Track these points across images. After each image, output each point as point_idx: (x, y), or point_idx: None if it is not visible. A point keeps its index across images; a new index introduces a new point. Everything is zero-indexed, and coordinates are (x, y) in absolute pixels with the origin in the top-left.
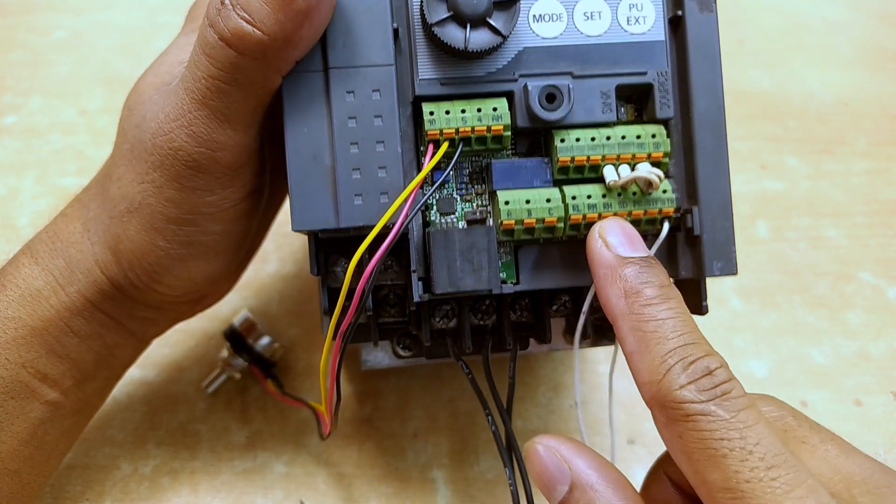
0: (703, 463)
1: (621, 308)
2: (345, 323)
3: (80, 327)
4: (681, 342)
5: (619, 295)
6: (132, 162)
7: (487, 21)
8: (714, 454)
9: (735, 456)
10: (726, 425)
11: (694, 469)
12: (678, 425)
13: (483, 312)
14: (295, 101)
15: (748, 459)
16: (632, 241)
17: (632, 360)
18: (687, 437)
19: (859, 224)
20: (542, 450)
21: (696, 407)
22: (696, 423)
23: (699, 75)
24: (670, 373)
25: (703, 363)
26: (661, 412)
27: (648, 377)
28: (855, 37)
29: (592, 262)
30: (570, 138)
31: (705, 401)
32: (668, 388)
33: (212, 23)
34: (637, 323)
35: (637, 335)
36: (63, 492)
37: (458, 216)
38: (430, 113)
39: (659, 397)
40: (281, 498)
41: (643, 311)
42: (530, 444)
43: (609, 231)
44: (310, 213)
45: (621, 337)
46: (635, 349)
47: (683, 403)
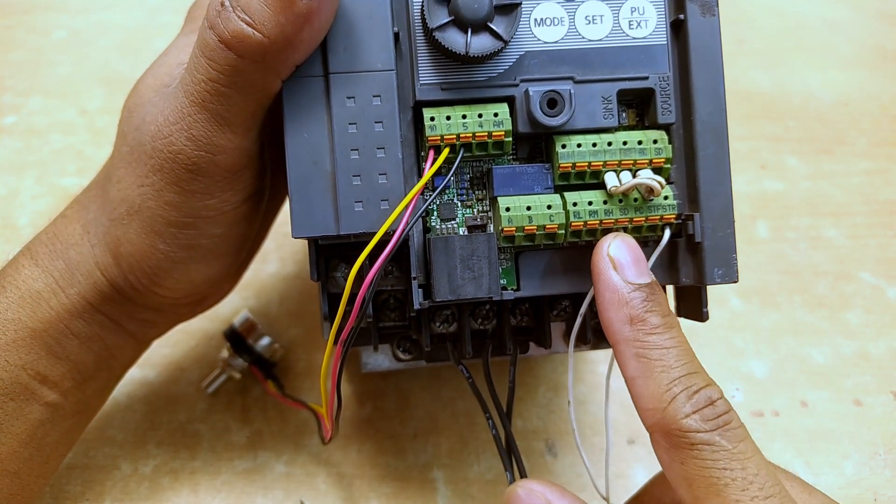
0: (705, 490)
1: (625, 334)
2: (346, 330)
3: (80, 329)
4: (684, 371)
5: (623, 321)
6: (132, 165)
7: (488, 25)
8: (716, 483)
9: (736, 486)
10: (729, 456)
11: (694, 495)
12: (681, 452)
13: (483, 317)
14: (295, 106)
15: (748, 489)
16: (638, 264)
17: (634, 386)
18: (690, 464)
19: (859, 224)
20: (525, 494)
21: (702, 437)
22: (699, 452)
23: (701, 80)
24: (675, 401)
25: (705, 393)
26: (665, 438)
27: (652, 403)
28: (855, 37)
29: (598, 281)
30: (572, 144)
31: (709, 430)
32: (673, 417)
33: (212, 25)
34: (641, 350)
35: (641, 362)
36: (63, 492)
37: (458, 222)
38: (430, 118)
39: (663, 424)
40: (281, 498)
41: (647, 338)
42: (512, 489)
43: (617, 250)
44: (310, 220)
45: (622, 361)
46: (639, 375)
47: (689, 432)
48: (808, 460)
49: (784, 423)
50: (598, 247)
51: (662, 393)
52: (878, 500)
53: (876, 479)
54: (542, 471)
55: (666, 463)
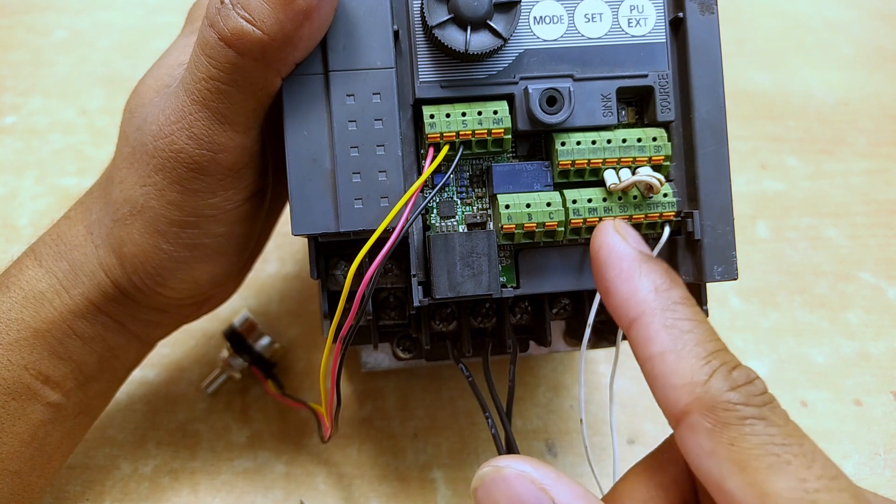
0: (764, 471)
1: (651, 303)
2: (345, 327)
3: (84, 330)
4: (718, 346)
5: (649, 289)
6: (134, 165)
7: (488, 23)
8: (776, 461)
9: (800, 463)
10: (785, 431)
11: (749, 480)
12: (731, 429)
13: (483, 315)
14: (295, 103)
15: (812, 467)
16: (644, 244)
17: (663, 361)
18: (742, 443)
19: (859, 224)
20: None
21: (753, 410)
22: (753, 427)
23: (700, 77)
24: (717, 373)
25: (744, 371)
26: (708, 415)
27: (689, 377)
28: (855, 37)
29: (609, 255)
30: (571, 142)
31: (759, 405)
32: (718, 389)
33: (212, 23)
34: (672, 320)
35: (672, 333)
36: (63, 492)
37: (458, 219)
38: (430, 116)
39: (707, 399)
40: (281, 498)
41: (677, 308)
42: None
43: (624, 228)
44: (310, 217)
45: (648, 335)
46: (670, 348)
47: (739, 405)
48: None
49: None
50: (600, 227)
51: (702, 366)
52: None
53: (876, 479)
54: None
55: (707, 450)
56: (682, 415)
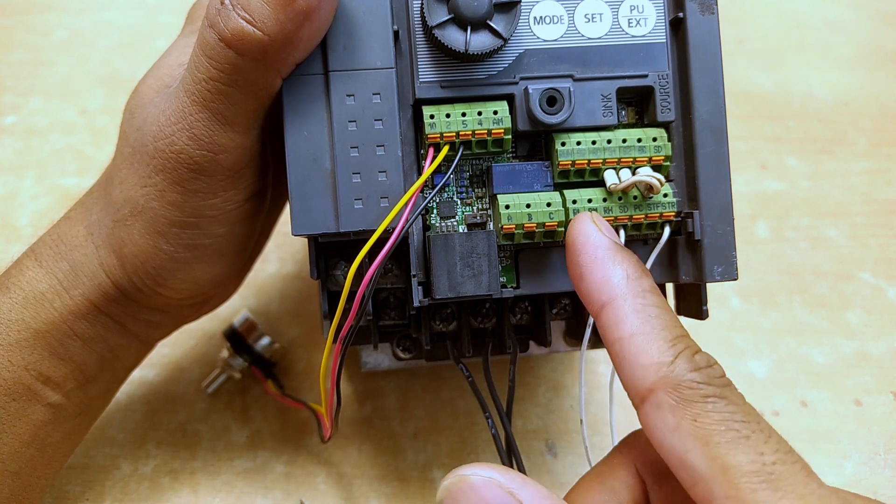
0: (725, 445)
1: (623, 289)
2: (345, 327)
3: (84, 330)
4: (682, 332)
5: (620, 276)
6: (134, 165)
7: (488, 23)
8: (736, 435)
9: (759, 437)
10: (745, 409)
11: (712, 454)
12: (694, 407)
13: (483, 316)
14: (295, 104)
15: (769, 442)
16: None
17: (633, 342)
18: (705, 419)
19: (859, 224)
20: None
21: (714, 389)
22: (716, 404)
23: (700, 78)
24: (682, 355)
25: (704, 356)
26: (673, 393)
27: (657, 358)
28: (855, 37)
29: (585, 243)
30: (571, 142)
31: (720, 386)
32: (682, 370)
33: (212, 23)
34: (642, 306)
35: (641, 317)
36: (63, 492)
37: (458, 220)
38: (430, 116)
39: (672, 378)
40: (281, 498)
41: (647, 295)
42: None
43: (600, 220)
44: (310, 218)
45: (619, 318)
46: (639, 331)
47: (701, 384)
48: (808, 460)
49: (784, 423)
50: (578, 217)
51: (667, 348)
52: (879, 500)
53: (876, 479)
54: (542, 471)
55: (671, 425)
56: (648, 393)
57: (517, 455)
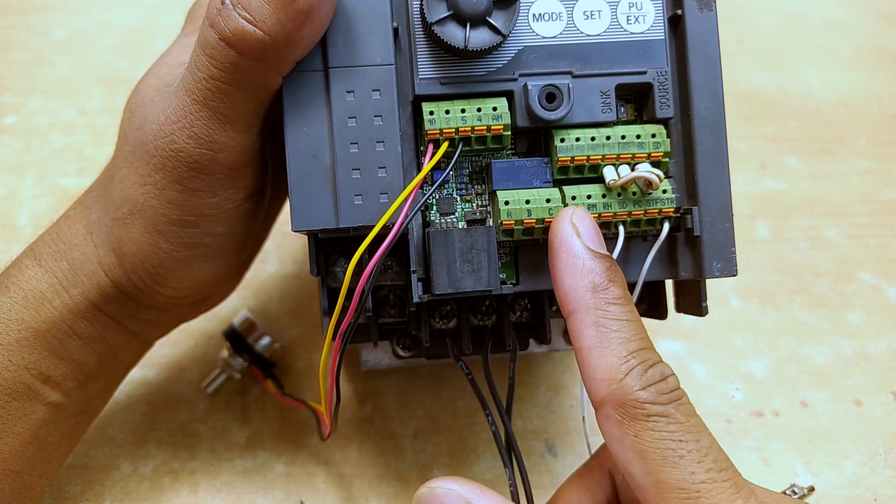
0: (659, 462)
1: (587, 301)
2: (344, 323)
3: (83, 329)
4: (641, 345)
5: (586, 287)
6: (134, 164)
7: (487, 20)
8: (671, 454)
9: (692, 457)
10: (684, 428)
11: (647, 468)
12: (635, 424)
13: (483, 313)
14: (295, 100)
15: (703, 461)
16: (599, 236)
17: (589, 355)
18: (644, 436)
19: (859, 224)
20: (443, 493)
21: (658, 408)
22: (656, 424)
23: (699, 74)
24: (633, 373)
25: (659, 368)
26: (619, 410)
27: (608, 374)
28: (855, 37)
29: (560, 247)
30: (570, 138)
31: (665, 403)
32: (629, 387)
33: (212, 23)
34: (602, 319)
35: (601, 331)
36: (63, 492)
37: (457, 216)
38: (429, 112)
39: (619, 395)
40: (281, 498)
41: (609, 308)
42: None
43: (581, 219)
44: (310, 214)
45: (580, 330)
46: (596, 344)
47: (646, 403)
48: (808, 460)
49: (784, 423)
50: (559, 215)
51: (620, 364)
52: (878, 500)
53: (876, 479)
54: (542, 471)
55: (616, 437)
56: (600, 405)
57: (517, 453)
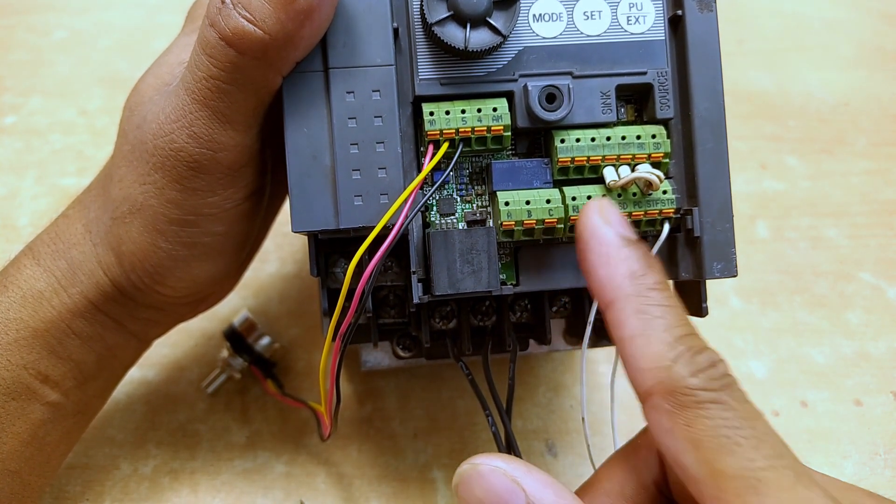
0: (715, 451)
1: (626, 289)
2: (344, 324)
3: (82, 328)
4: (686, 330)
5: (624, 275)
6: (133, 163)
7: (487, 20)
8: (727, 442)
9: (749, 444)
10: (739, 414)
11: (702, 458)
12: (688, 412)
13: (483, 313)
14: (295, 101)
15: (761, 448)
16: (627, 225)
17: (633, 345)
18: (698, 424)
19: (859, 224)
20: (488, 470)
21: (710, 395)
22: (709, 411)
23: (699, 75)
24: (681, 359)
25: (708, 355)
26: (669, 399)
27: (655, 362)
28: (855, 37)
29: (591, 238)
30: (570, 139)
31: (717, 389)
32: (679, 375)
33: (212, 22)
34: (644, 306)
35: (643, 319)
36: (63, 492)
37: (458, 217)
38: (430, 113)
39: (668, 383)
40: (281, 498)
41: (650, 294)
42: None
43: (608, 210)
44: (309, 214)
45: (621, 319)
46: (639, 333)
47: (697, 390)
48: (808, 460)
49: (784, 423)
50: (585, 208)
51: (666, 351)
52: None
53: (876, 479)
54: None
55: (666, 428)
56: (647, 395)
57: (517, 453)
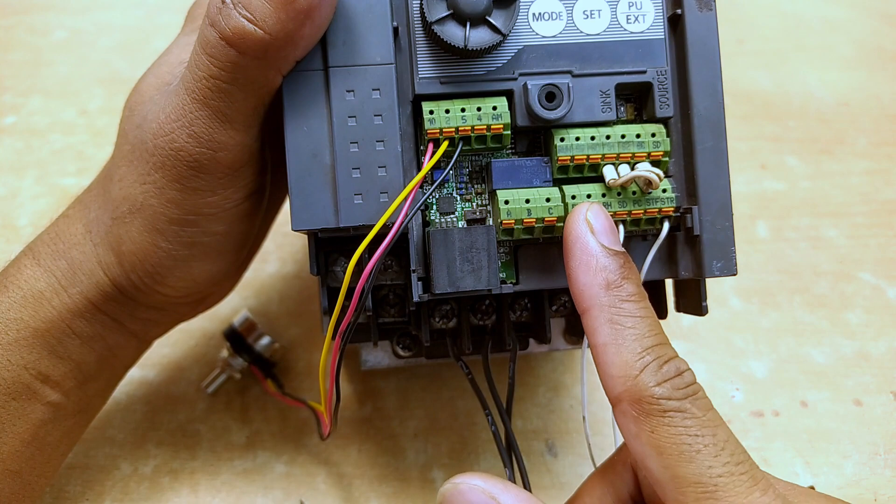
0: (676, 458)
1: (601, 299)
2: (344, 322)
3: (82, 329)
4: (655, 341)
5: (600, 285)
6: (133, 163)
7: (487, 19)
8: (688, 449)
9: (708, 452)
10: (700, 423)
11: (664, 464)
12: (652, 420)
13: (483, 312)
14: (295, 99)
15: (720, 455)
16: (613, 233)
17: (604, 352)
18: (661, 432)
19: (859, 224)
20: (467, 489)
21: (673, 404)
22: (671, 419)
23: (699, 74)
24: (647, 369)
25: (674, 364)
26: (635, 406)
27: (623, 371)
28: (855, 37)
29: (574, 244)
30: (570, 137)
31: (681, 398)
32: (644, 384)
33: (213, 22)
34: (616, 316)
35: (615, 328)
36: (63, 492)
37: (457, 215)
38: (429, 112)
39: (635, 391)
40: (281, 498)
41: (623, 305)
42: (450, 487)
43: (595, 216)
44: (310, 213)
45: (594, 327)
46: (610, 341)
47: (661, 399)
48: (808, 460)
49: (784, 423)
50: (574, 211)
51: (635, 361)
52: (878, 500)
53: (876, 479)
54: (542, 471)
55: (633, 433)
56: (617, 401)
57: (517, 452)
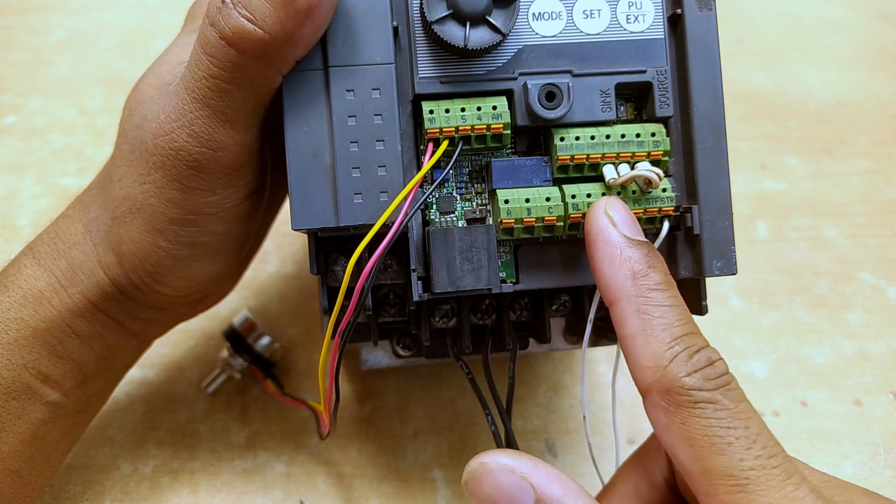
0: (707, 450)
1: (627, 289)
2: (344, 321)
3: (82, 328)
4: (685, 330)
5: (626, 275)
6: (133, 163)
7: (487, 19)
8: (719, 441)
9: (740, 444)
10: (732, 414)
11: (695, 455)
12: (683, 411)
13: (483, 312)
14: (295, 99)
15: (752, 448)
16: (635, 224)
17: (633, 343)
18: (692, 423)
19: (859, 224)
20: (496, 468)
21: (704, 395)
22: (702, 410)
23: (699, 73)
24: (677, 359)
25: (705, 353)
26: (665, 397)
27: (653, 361)
28: (855, 37)
29: (597, 238)
30: (570, 137)
31: (712, 389)
32: (675, 374)
33: (212, 22)
34: (644, 306)
35: (643, 318)
36: (63, 492)
37: (457, 215)
38: (429, 111)
39: (665, 382)
40: (281, 498)
41: (650, 294)
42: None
43: (615, 209)
44: (309, 212)
45: (623, 318)
46: (639, 332)
47: (692, 390)
48: (808, 460)
49: (784, 423)
50: (593, 207)
51: (664, 351)
52: None
53: (876, 479)
54: None
55: (663, 424)
56: (647, 392)
57: None
